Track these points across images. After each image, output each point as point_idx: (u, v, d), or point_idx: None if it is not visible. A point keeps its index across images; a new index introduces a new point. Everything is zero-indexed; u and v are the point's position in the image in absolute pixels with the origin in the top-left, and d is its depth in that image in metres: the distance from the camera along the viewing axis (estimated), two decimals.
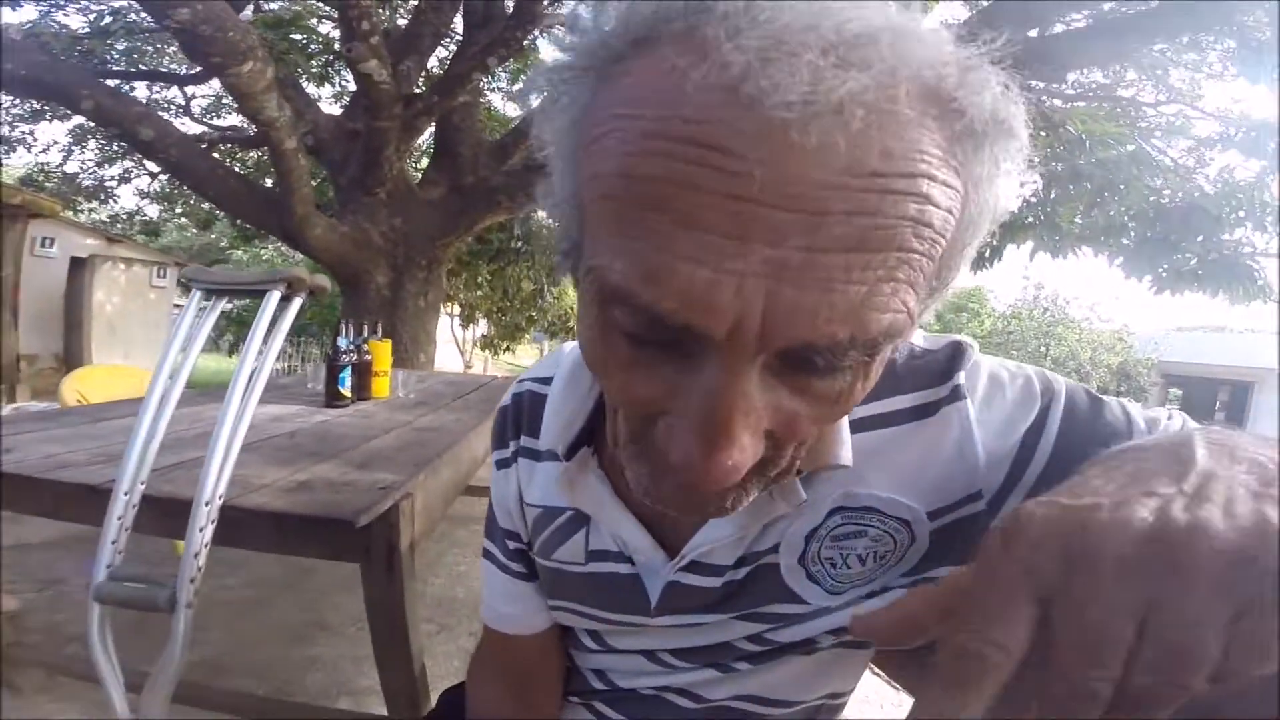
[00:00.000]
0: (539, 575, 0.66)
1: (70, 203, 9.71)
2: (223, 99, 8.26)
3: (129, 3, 5.66)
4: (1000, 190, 0.36)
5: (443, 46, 6.88)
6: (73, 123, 8.02)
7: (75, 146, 8.65)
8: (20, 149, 8.37)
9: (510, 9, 5.17)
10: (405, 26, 5.78)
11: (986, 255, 6.39)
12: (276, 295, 1.12)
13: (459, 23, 6.23)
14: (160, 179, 9.16)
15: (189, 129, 7.69)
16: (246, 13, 4.68)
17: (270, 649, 2.28)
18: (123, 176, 9.30)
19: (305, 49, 4.95)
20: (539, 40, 8.08)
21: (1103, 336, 21.18)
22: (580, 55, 0.36)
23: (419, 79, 5.82)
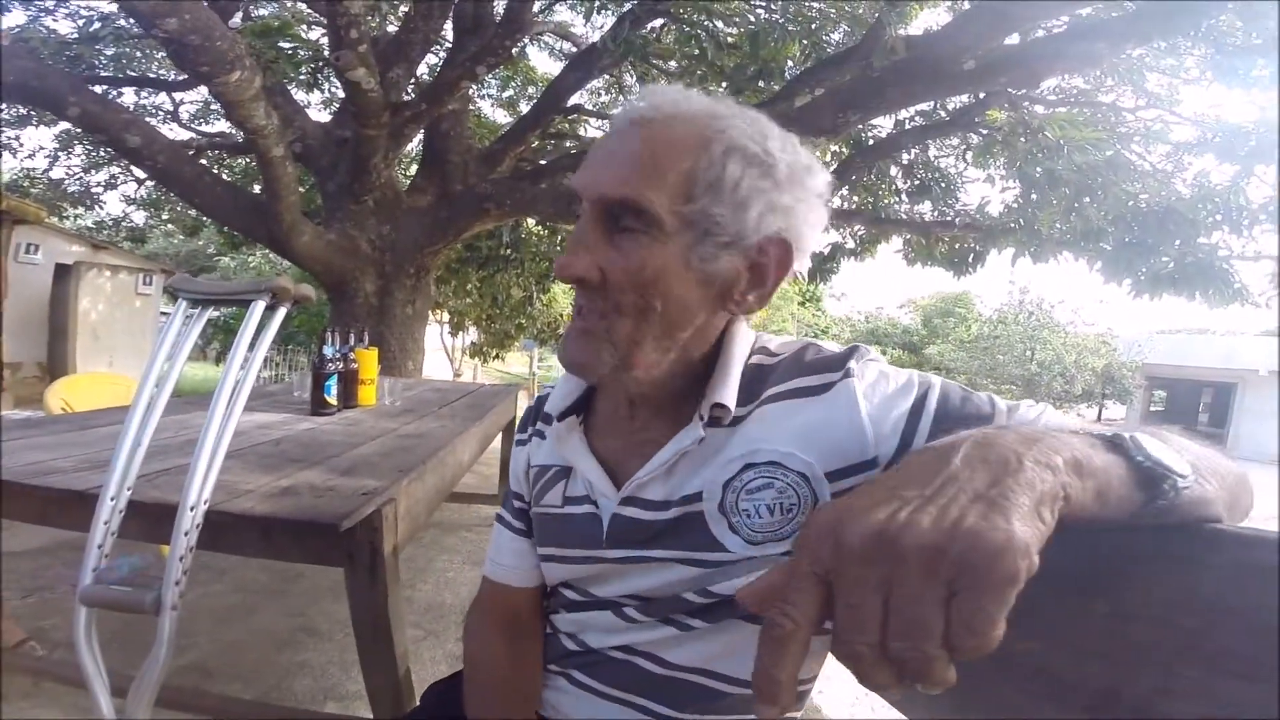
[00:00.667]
0: (533, 531, 0.83)
1: (55, 209, 9.63)
2: (211, 105, 8.20)
3: (118, 9, 5.65)
4: (744, 180, 0.63)
5: (433, 54, 6.89)
6: (59, 128, 7.95)
7: (61, 152, 8.55)
8: (5, 154, 8.30)
9: (500, 17, 5.19)
10: (395, 34, 5.77)
11: (970, 260, 6.48)
12: (261, 305, 1.13)
13: (449, 29, 6.26)
14: (147, 185, 9.09)
15: (177, 135, 7.65)
16: (235, 20, 4.66)
17: (257, 653, 2.29)
18: (109, 182, 9.21)
19: (293, 57, 4.93)
20: (528, 48, 8.15)
21: (1087, 340, 21.38)
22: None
23: (408, 86, 5.82)
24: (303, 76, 5.89)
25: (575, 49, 7.47)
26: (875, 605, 0.37)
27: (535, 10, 5.09)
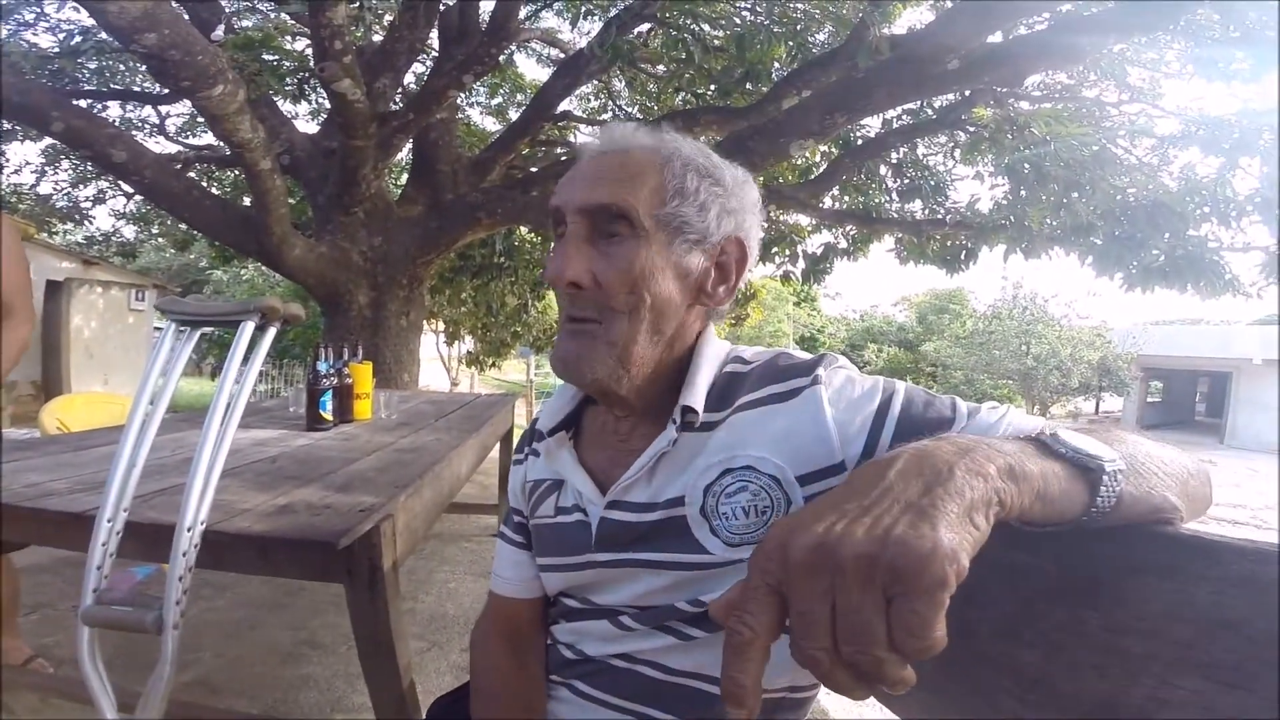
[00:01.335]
0: (532, 543, 0.88)
1: (44, 225, 9.58)
2: (197, 118, 8.20)
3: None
4: (695, 182, 0.73)
5: (419, 62, 6.88)
6: (45, 143, 7.90)
7: (48, 167, 8.50)
8: None
9: (486, 24, 5.19)
10: (380, 43, 5.76)
11: (962, 258, 6.51)
12: (251, 325, 1.14)
13: (434, 38, 6.25)
14: (136, 200, 9.04)
15: (164, 148, 7.62)
16: (218, 33, 4.63)
17: (262, 668, 2.29)
18: (97, 197, 9.17)
19: (277, 69, 4.91)
20: (515, 55, 8.15)
21: (1082, 333, 21.43)
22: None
23: (395, 96, 5.81)
24: (288, 88, 5.87)
25: (562, 55, 7.49)
26: (823, 613, 0.38)
27: (521, 17, 5.08)
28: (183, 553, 1.03)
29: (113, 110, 7.49)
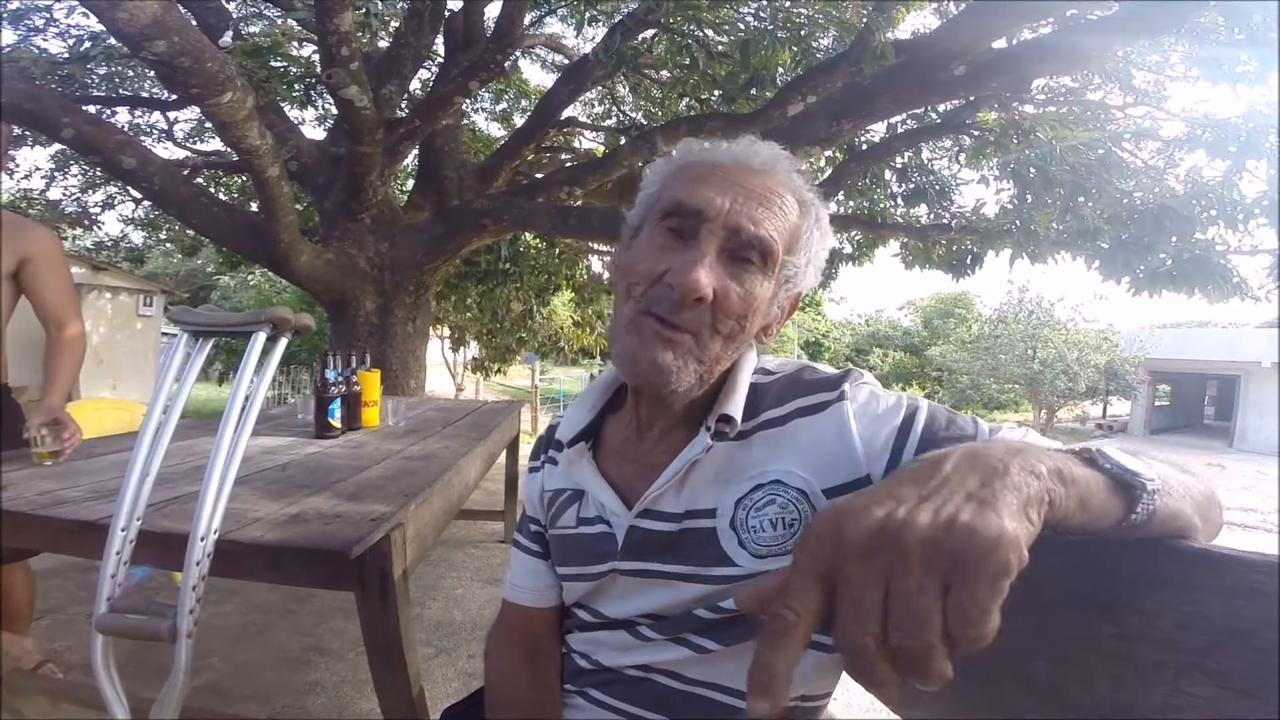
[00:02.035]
0: (550, 553, 0.88)
1: (54, 230, 9.61)
2: (206, 124, 8.25)
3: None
4: (815, 239, 0.76)
5: (424, 68, 6.91)
6: (55, 148, 7.96)
7: (58, 172, 8.57)
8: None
9: (490, 30, 5.21)
10: (386, 49, 5.79)
11: (967, 262, 6.49)
12: (263, 336, 1.14)
13: (440, 44, 6.27)
14: (144, 205, 9.10)
15: (172, 154, 7.67)
16: (226, 38, 4.65)
17: (271, 673, 2.30)
18: (106, 203, 9.22)
19: (285, 75, 4.93)
20: (520, 60, 8.18)
21: (1088, 337, 21.27)
22: (679, 155, 0.78)
23: (401, 102, 5.83)
24: (295, 93, 5.90)
25: (567, 61, 7.51)
26: (876, 598, 0.38)
27: (526, 23, 5.09)
28: (196, 562, 1.03)
29: (122, 116, 7.54)
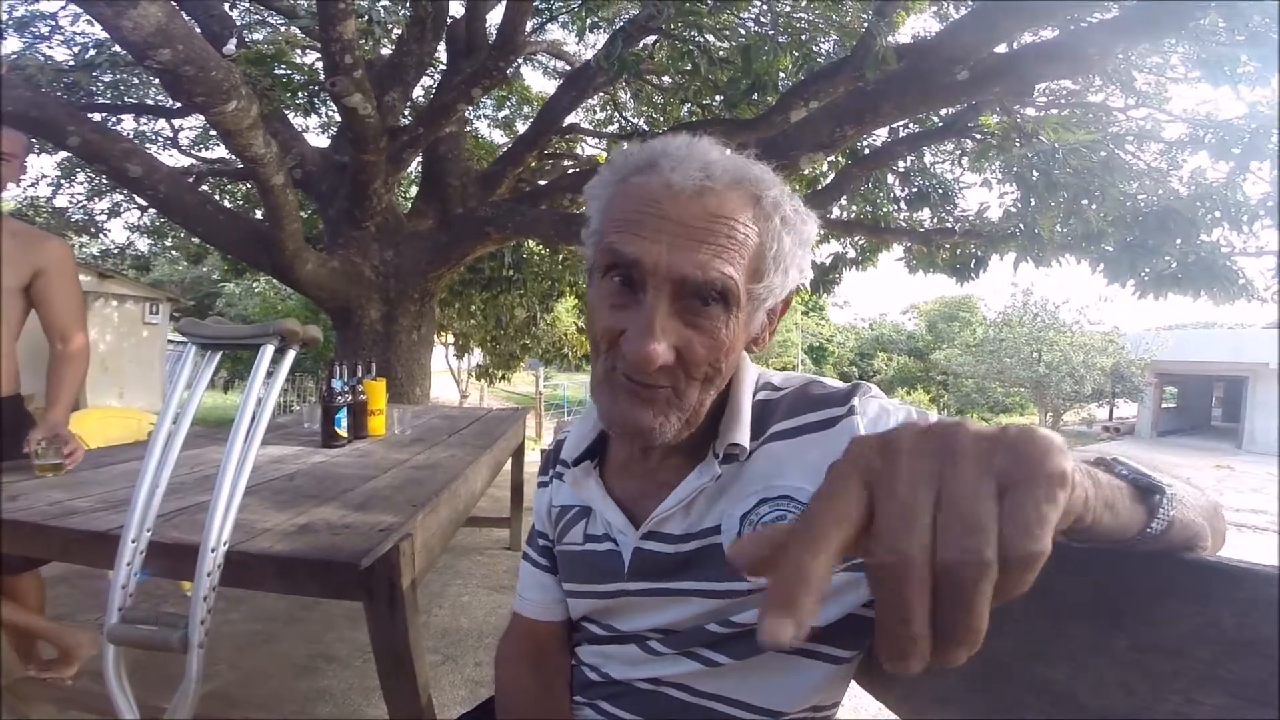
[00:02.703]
0: (558, 568, 0.88)
1: (60, 237, 9.64)
2: (210, 131, 8.29)
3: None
4: (786, 244, 0.69)
5: (427, 76, 6.94)
6: (61, 155, 8.00)
7: (64, 180, 8.62)
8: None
9: (493, 38, 5.23)
10: (389, 57, 5.82)
11: (971, 266, 6.49)
12: (271, 348, 1.15)
13: (442, 51, 6.30)
14: (150, 212, 9.14)
15: (177, 161, 7.70)
16: (230, 46, 4.66)
17: (279, 681, 2.31)
18: (112, 210, 9.27)
19: (289, 83, 4.95)
20: (522, 67, 8.21)
21: (1094, 339, 21.17)
22: (612, 173, 0.70)
23: (404, 110, 5.86)
24: (299, 101, 5.92)
25: (569, 68, 7.54)
26: (928, 498, 0.33)
27: (528, 30, 5.10)
28: (207, 573, 1.04)
29: (127, 123, 7.58)
